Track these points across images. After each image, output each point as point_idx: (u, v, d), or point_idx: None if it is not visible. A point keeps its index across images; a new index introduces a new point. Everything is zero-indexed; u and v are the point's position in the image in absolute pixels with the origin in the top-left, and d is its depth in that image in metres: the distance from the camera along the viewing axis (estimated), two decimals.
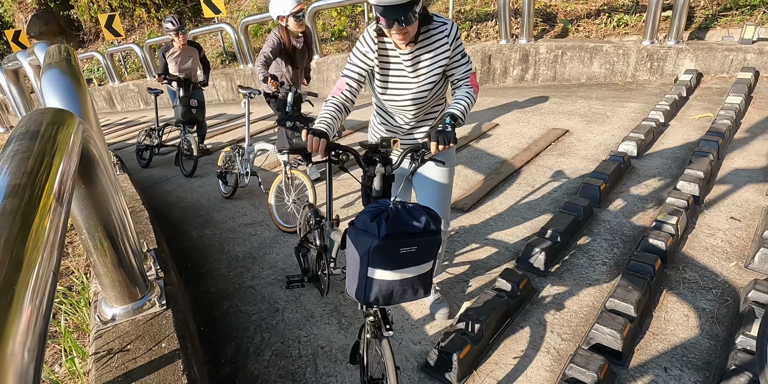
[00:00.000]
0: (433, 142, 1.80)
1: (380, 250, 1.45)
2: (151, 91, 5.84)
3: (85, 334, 2.14)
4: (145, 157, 6.05)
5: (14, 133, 1.28)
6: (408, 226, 1.47)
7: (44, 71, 2.09)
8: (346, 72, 2.05)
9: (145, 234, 2.77)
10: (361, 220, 1.52)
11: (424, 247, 1.50)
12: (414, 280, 1.54)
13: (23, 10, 14.87)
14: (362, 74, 2.04)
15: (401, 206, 1.51)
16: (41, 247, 0.90)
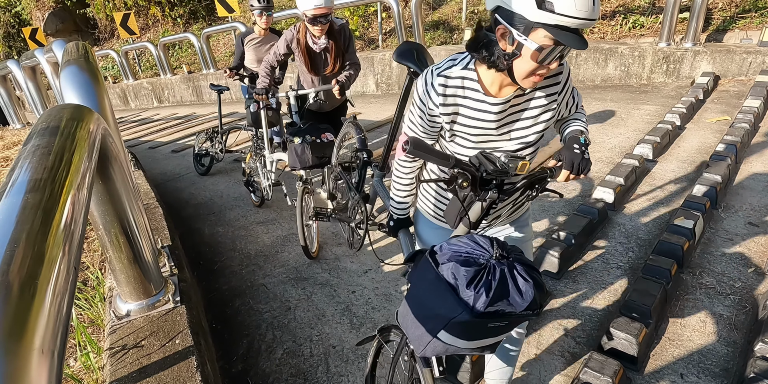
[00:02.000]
0: (567, 169, 1.41)
1: (466, 324, 1.16)
2: (214, 88, 5.07)
3: (99, 329, 2.15)
4: (204, 164, 5.28)
5: (35, 129, 1.29)
6: (511, 304, 1.15)
7: (63, 68, 2.10)
8: (411, 134, 1.57)
9: (160, 230, 2.78)
10: (450, 268, 1.19)
11: (516, 321, 1.22)
12: (486, 347, 1.29)
13: (40, 8, 15.04)
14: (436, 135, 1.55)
15: (507, 265, 1.17)
16: (62, 241, 0.90)
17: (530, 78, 1.29)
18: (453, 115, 1.44)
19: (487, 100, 1.40)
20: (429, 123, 1.49)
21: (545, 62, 1.23)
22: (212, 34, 10.44)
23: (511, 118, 1.45)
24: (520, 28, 1.19)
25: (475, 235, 1.29)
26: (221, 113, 5.31)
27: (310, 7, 3.04)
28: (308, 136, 3.00)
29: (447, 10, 8.49)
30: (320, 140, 3.01)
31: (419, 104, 1.48)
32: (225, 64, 11.21)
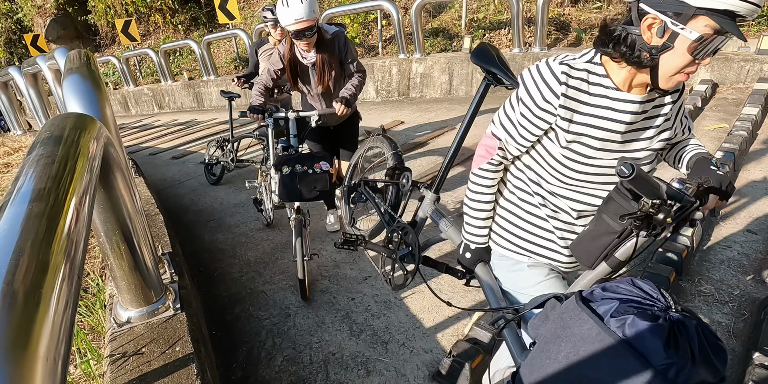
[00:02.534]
0: (716, 193, 1.22)
1: None
2: (225, 95, 4.93)
3: (99, 336, 2.16)
4: (215, 173, 5.18)
5: (39, 138, 1.30)
6: (710, 372, 0.90)
7: (65, 76, 2.12)
8: (504, 136, 1.40)
9: (160, 237, 2.79)
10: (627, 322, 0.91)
11: None
12: None
13: (42, 15, 15.12)
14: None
15: (696, 320, 0.94)
16: (66, 250, 0.91)
17: (676, 76, 1.14)
18: (572, 112, 1.25)
19: (625, 97, 1.22)
20: (534, 122, 1.29)
21: (700, 56, 1.09)
22: (213, 41, 10.50)
23: (641, 125, 1.28)
24: (676, 17, 1.06)
25: (636, 279, 1.06)
26: (232, 121, 5.12)
27: (290, 22, 2.79)
28: (298, 166, 2.69)
29: (446, 18, 8.54)
30: (312, 170, 2.72)
31: (525, 100, 1.30)
32: (225, 70, 11.26)
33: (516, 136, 1.36)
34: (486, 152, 1.46)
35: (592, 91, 1.25)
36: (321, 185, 2.74)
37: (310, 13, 2.80)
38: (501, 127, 1.41)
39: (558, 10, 7.50)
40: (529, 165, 1.42)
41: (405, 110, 7.07)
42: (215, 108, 10.74)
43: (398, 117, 6.66)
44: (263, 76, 3.26)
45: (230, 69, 11.16)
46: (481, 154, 1.48)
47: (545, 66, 1.29)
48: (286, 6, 2.76)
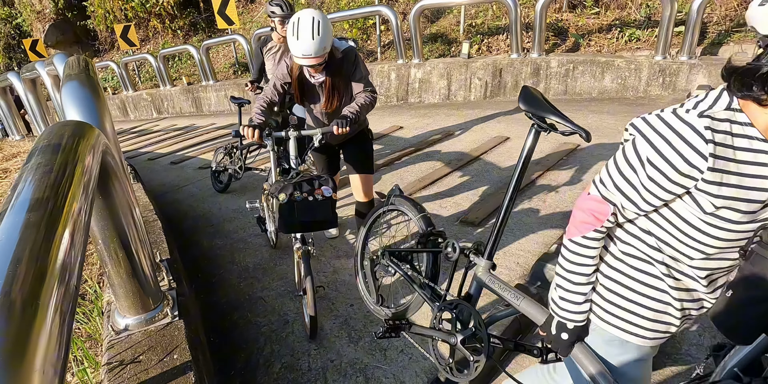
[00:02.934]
0: None
1: None
2: (235, 101, 4.75)
3: (97, 343, 2.15)
4: (222, 181, 5.02)
5: (37, 146, 1.30)
6: None
7: (64, 83, 2.12)
8: (621, 201, 1.19)
9: (158, 244, 2.79)
10: None
11: None
12: None
13: (41, 20, 15.14)
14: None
15: None
16: (64, 259, 0.91)
17: None
18: (722, 174, 1.04)
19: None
20: (669, 188, 1.09)
21: None
22: (212, 46, 10.52)
23: None
24: None
25: None
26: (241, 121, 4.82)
27: (299, 56, 2.51)
28: (297, 193, 2.41)
29: (445, 23, 8.57)
30: (313, 197, 2.43)
31: (658, 163, 1.07)
32: (224, 75, 11.27)
33: (639, 202, 1.15)
34: (593, 218, 1.23)
35: (737, 145, 1.04)
36: (323, 214, 2.46)
37: (321, 50, 2.49)
38: (617, 190, 1.18)
39: (556, 15, 7.53)
40: (648, 229, 1.21)
41: (404, 115, 7.08)
42: (214, 113, 10.76)
43: (397, 122, 6.68)
44: (267, 91, 2.94)
45: (229, 74, 11.17)
46: (584, 221, 1.25)
47: (679, 121, 1.07)
48: (295, 38, 2.45)
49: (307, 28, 2.42)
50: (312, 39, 2.43)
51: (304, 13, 2.46)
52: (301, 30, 2.43)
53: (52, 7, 14.62)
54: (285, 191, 2.40)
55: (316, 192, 2.44)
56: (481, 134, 5.51)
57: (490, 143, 5.13)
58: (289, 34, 2.47)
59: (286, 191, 2.40)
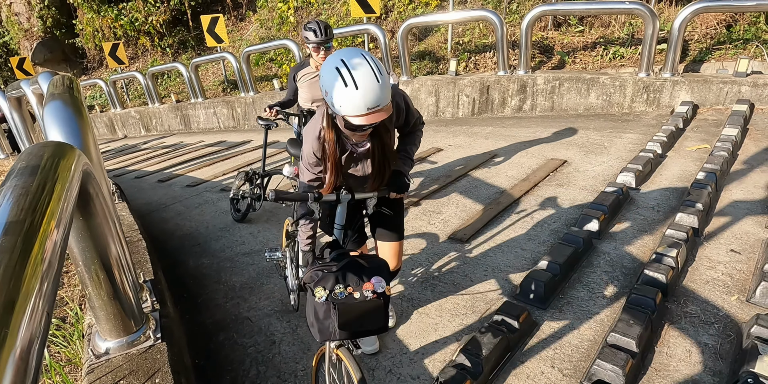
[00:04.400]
0: None
1: None
2: (262, 123, 4.02)
3: (77, 368, 2.10)
4: (240, 209, 4.56)
5: (14, 167, 1.28)
6: None
7: (47, 102, 2.11)
8: None
9: (142, 264, 2.75)
10: None
11: None
12: None
13: (29, 38, 15.13)
14: None
15: None
16: (36, 286, 0.89)
17: None
18: None
19: None
20: None
21: None
22: (201, 63, 10.55)
23: None
24: None
25: None
26: (266, 152, 4.36)
27: (360, 112, 1.72)
28: (339, 287, 1.72)
29: (432, 41, 8.67)
30: (361, 295, 1.73)
31: None
32: (213, 93, 11.28)
33: None
34: None
35: None
36: (374, 321, 1.78)
37: (389, 97, 1.76)
38: None
39: (541, 33, 7.65)
40: None
41: None
42: (203, 130, 10.74)
43: None
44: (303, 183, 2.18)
45: (218, 92, 11.19)
46: None
47: None
48: (353, 88, 1.68)
49: (366, 70, 1.69)
50: (378, 82, 1.69)
51: (348, 53, 1.74)
52: (358, 76, 1.68)
53: (40, 25, 14.62)
54: (324, 284, 1.74)
55: (365, 286, 1.74)
56: (470, 150, 5.53)
57: (479, 159, 5.15)
58: (340, 86, 1.69)
59: (325, 284, 1.74)
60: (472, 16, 7.13)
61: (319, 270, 1.80)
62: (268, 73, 10.72)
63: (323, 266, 1.82)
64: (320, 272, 1.79)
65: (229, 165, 6.78)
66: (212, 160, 7.22)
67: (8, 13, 15.24)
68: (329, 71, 1.72)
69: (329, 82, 1.73)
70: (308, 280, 1.82)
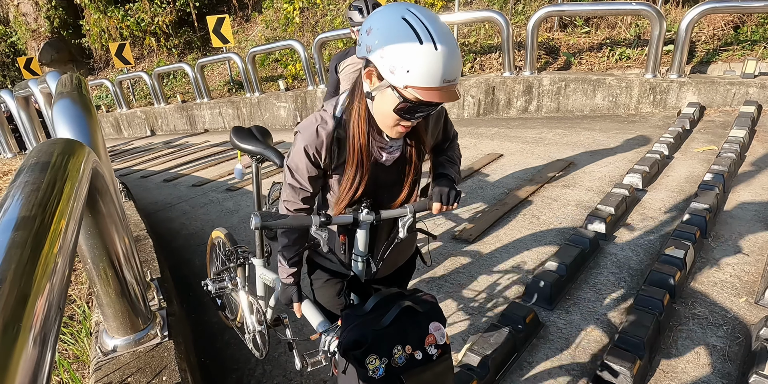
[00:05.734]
0: None
1: None
2: None
3: (84, 365, 2.10)
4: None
5: (25, 164, 1.29)
6: None
7: (56, 100, 2.12)
8: None
9: (149, 263, 2.75)
10: None
11: None
12: None
13: (36, 38, 15.21)
14: None
15: None
16: (48, 280, 0.89)
17: None
18: None
19: None
20: None
21: None
22: (206, 64, 10.58)
23: None
24: None
25: None
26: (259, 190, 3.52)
27: (423, 82, 1.20)
28: (398, 349, 1.28)
29: None
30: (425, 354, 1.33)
31: None
32: (219, 93, 11.31)
33: None
34: None
35: None
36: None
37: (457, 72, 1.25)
38: None
39: (547, 34, 7.63)
40: None
41: None
42: (208, 130, 10.77)
43: None
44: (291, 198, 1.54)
45: (223, 92, 11.21)
46: None
47: None
48: (430, 46, 1.16)
49: (443, 25, 1.19)
50: (456, 45, 1.21)
51: (408, 4, 1.24)
52: (436, 30, 1.17)
53: (48, 25, 14.70)
54: (376, 350, 1.26)
55: (427, 340, 1.33)
56: (475, 151, 5.53)
57: (484, 160, 5.14)
58: (408, 45, 1.16)
59: (377, 350, 1.26)
60: (478, 17, 7.13)
61: (359, 327, 1.30)
62: (273, 73, 10.74)
63: (363, 320, 1.32)
64: (363, 331, 1.28)
65: (234, 165, 6.78)
66: (217, 160, 7.23)
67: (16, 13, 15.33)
68: (388, 20, 1.19)
69: (388, 35, 1.18)
70: (350, 345, 1.29)
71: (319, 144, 1.42)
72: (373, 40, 1.22)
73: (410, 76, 1.19)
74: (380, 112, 1.34)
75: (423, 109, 1.29)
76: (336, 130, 1.42)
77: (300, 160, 1.45)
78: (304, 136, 1.43)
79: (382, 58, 1.21)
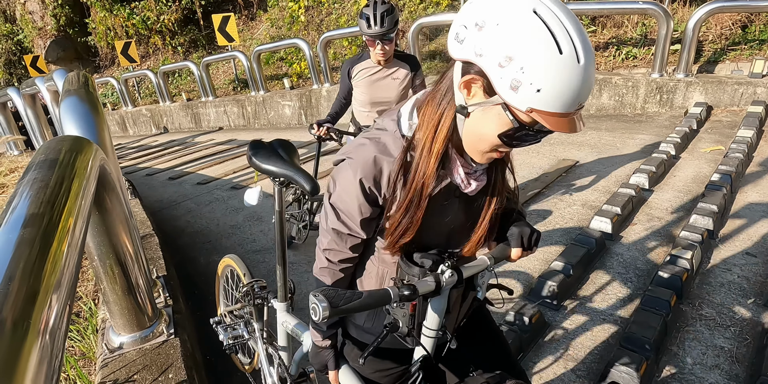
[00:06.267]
0: None
1: None
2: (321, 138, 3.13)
3: (90, 362, 2.11)
4: (292, 236, 3.72)
5: (33, 161, 1.29)
6: None
7: (63, 98, 2.12)
8: None
9: (155, 260, 2.76)
10: None
11: None
12: None
13: (42, 36, 15.26)
14: None
15: None
16: (57, 277, 0.89)
17: None
18: None
19: None
20: None
21: None
22: (212, 62, 10.59)
23: None
24: None
25: None
26: (317, 168, 3.28)
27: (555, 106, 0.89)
28: None
29: (443, 41, 8.65)
30: None
31: None
32: (224, 92, 11.32)
33: None
34: None
35: None
36: None
37: None
38: None
39: None
40: None
41: None
42: (213, 129, 10.78)
43: None
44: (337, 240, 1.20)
45: (228, 90, 11.22)
46: None
47: None
48: (572, 57, 0.85)
49: (582, 30, 0.88)
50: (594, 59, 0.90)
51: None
52: (579, 38, 0.86)
53: (54, 23, 14.74)
54: None
55: None
56: None
57: None
58: (543, 52, 0.85)
59: None
60: None
61: None
62: (278, 72, 10.74)
63: None
64: None
65: (239, 163, 6.79)
66: (222, 159, 7.24)
67: (22, 11, 15.38)
68: (516, 13, 0.87)
69: (514, 36, 0.86)
70: None
71: (378, 174, 1.08)
72: (490, 39, 0.88)
73: (539, 97, 0.87)
74: (476, 133, 1.02)
75: (535, 137, 1.00)
76: (408, 153, 1.08)
77: (350, 198, 1.11)
78: (356, 165, 1.08)
79: (502, 69, 0.88)
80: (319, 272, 1.27)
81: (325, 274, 1.27)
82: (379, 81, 2.95)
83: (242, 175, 6.11)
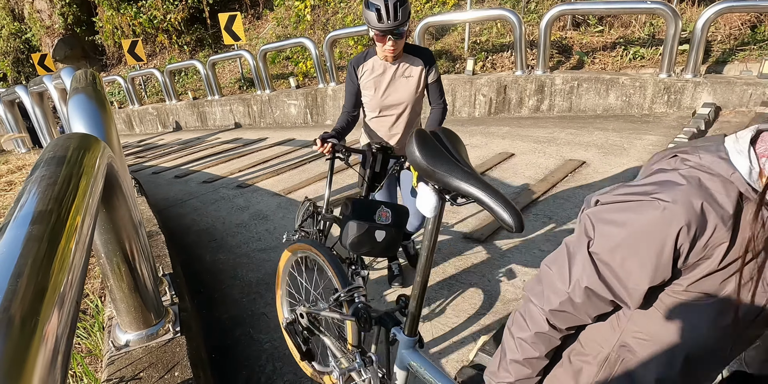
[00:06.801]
0: None
1: None
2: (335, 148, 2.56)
3: (97, 359, 2.11)
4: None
5: (42, 158, 1.29)
6: None
7: (71, 96, 2.12)
8: None
9: (161, 258, 2.76)
10: None
11: None
12: None
13: (50, 35, 15.34)
14: None
15: None
16: (65, 274, 0.89)
17: None
18: None
19: None
20: None
21: None
22: (218, 61, 10.62)
23: None
24: None
25: None
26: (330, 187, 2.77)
27: None
28: None
29: (449, 40, 8.63)
30: None
31: None
32: (230, 90, 11.34)
33: None
34: None
35: None
36: None
37: None
38: None
39: (560, 33, 7.58)
40: None
41: None
42: (219, 127, 10.81)
43: None
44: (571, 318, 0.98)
45: (234, 89, 11.25)
46: None
47: None
48: None
49: None
50: None
51: None
52: None
53: (61, 22, 14.82)
54: None
55: None
56: (486, 150, 5.50)
57: (495, 159, 5.12)
58: None
59: None
60: (490, 15, 7.09)
61: None
62: (284, 71, 10.76)
63: None
64: None
65: (245, 162, 6.81)
66: (228, 157, 7.26)
67: (30, 10, 15.46)
68: None
69: None
70: None
71: (701, 229, 0.80)
72: None
73: None
74: None
75: None
76: (739, 201, 0.80)
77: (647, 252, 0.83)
78: (675, 209, 0.80)
79: None
80: (527, 338, 0.96)
81: (537, 341, 0.95)
82: (388, 81, 2.63)
83: (248, 174, 6.12)
